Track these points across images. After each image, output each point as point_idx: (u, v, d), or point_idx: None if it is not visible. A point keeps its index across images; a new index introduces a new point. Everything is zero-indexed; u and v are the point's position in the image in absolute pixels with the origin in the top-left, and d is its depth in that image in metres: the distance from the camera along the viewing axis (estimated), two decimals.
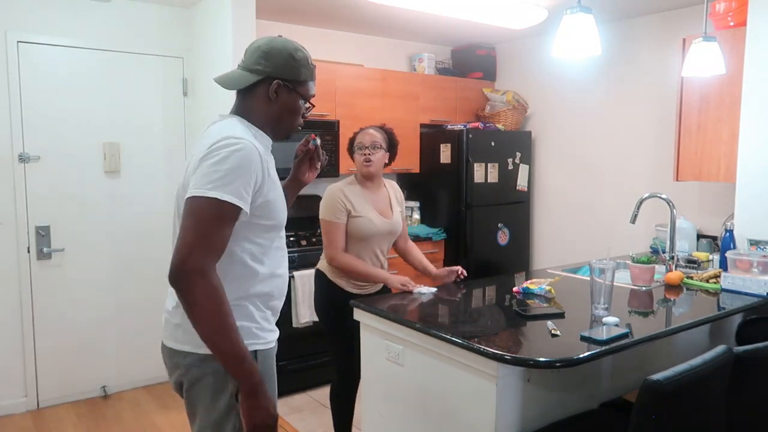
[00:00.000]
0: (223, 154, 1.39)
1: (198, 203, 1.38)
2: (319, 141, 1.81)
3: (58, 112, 3.54)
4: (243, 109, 1.58)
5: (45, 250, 3.54)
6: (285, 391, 2.15)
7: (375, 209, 2.71)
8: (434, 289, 2.55)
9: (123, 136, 3.75)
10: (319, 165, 1.86)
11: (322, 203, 2.69)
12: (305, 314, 3.63)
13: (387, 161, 2.77)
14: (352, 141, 2.78)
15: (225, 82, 1.57)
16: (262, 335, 1.56)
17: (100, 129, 3.67)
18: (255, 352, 1.53)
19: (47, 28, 3.47)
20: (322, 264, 2.77)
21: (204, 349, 1.45)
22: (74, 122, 3.59)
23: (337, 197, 2.65)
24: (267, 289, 1.57)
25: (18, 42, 3.39)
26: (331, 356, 2.86)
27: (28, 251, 3.50)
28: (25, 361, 3.54)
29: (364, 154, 2.68)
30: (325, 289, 2.75)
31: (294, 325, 3.60)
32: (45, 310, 3.57)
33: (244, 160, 1.41)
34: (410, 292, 2.50)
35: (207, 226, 1.37)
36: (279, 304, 1.64)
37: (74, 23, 3.55)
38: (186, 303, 1.40)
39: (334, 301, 2.69)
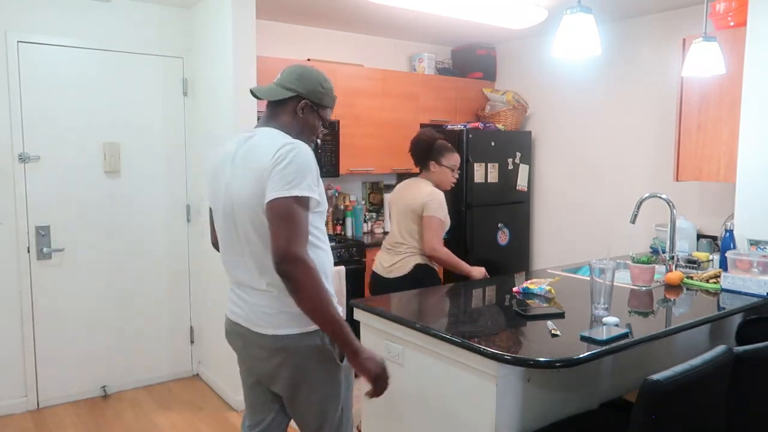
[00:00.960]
0: (289, 158, 1.65)
1: (282, 203, 1.63)
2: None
3: (58, 112, 3.54)
4: (274, 120, 1.84)
5: (45, 250, 3.54)
6: None
7: None
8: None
9: (123, 136, 3.75)
10: None
11: (434, 204, 2.96)
12: None
13: None
14: (440, 149, 3.08)
15: (262, 93, 1.86)
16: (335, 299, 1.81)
17: (100, 129, 3.68)
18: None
19: (47, 28, 3.48)
20: (423, 258, 3.04)
21: (307, 327, 1.72)
22: (74, 122, 3.59)
23: (445, 201, 3.02)
24: (330, 267, 1.85)
25: (18, 42, 3.39)
26: None
27: (28, 251, 3.50)
28: (25, 361, 3.54)
29: (455, 176, 3.13)
30: (436, 278, 3.11)
31: None
32: (45, 310, 3.57)
33: (306, 159, 1.68)
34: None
35: (294, 221, 1.62)
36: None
37: (74, 23, 3.55)
38: (295, 286, 1.60)
39: None
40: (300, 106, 1.83)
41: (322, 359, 1.78)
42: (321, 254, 1.78)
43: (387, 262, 3.10)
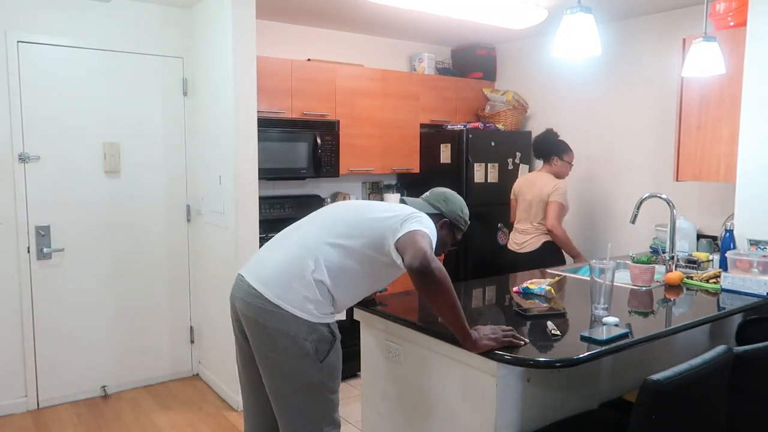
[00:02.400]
0: (417, 218, 1.97)
1: (416, 234, 1.87)
2: (381, 290, 2.36)
3: (58, 112, 3.54)
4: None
5: (45, 250, 3.54)
6: None
7: None
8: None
9: (123, 136, 3.75)
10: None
11: (560, 191, 3.75)
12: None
13: None
14: (565, 147, 3.92)
15: (412, 203, 2.16)
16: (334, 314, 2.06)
17: (100, 129, 3.67)
18: (329, 324, 1.99)
19: (47, 28, 3.47)
20: (549, 236, 3.79)
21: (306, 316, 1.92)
22: (74, 122, 3.59)
23: (566, 188, 3.82)
24: (351, 302, 2.15)
25: (18, 42, 3.39)
26: None
27: (28, 251, 3.50)
28: (25, 361, 3.54)
29: (571, 169, 3.98)
30: (561, 254, 3.83)
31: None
32: (45, 310, 3.57)
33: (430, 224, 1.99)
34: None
35: (425, 243, 1.85)
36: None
37: (74, 23, 3.55)
38: (433, 285, 1.78)
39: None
40: (440, 223, 2.12)
41: (302, 352, 1.91)
42: (354, 297, 2.10)
43: (519, 240, 3.91)
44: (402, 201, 2.18)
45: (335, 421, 2.02)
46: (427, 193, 2.22)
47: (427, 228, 1.92)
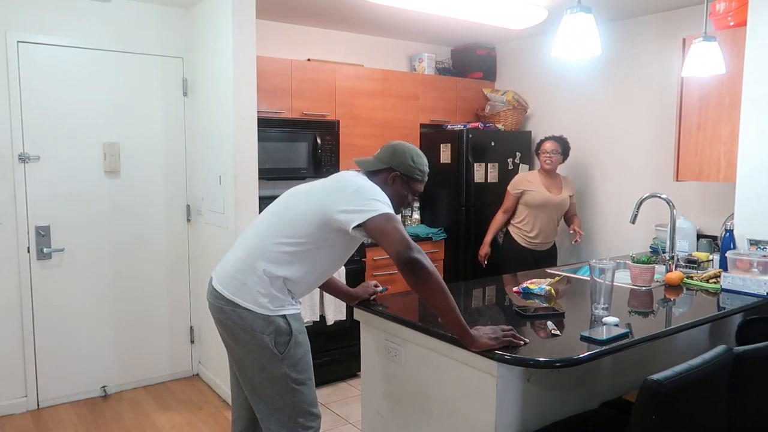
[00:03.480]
0: (364, 192, 1.93)
1: (376, 222, 1.85)
2: (382, 291, 2.40)
3: (58, 112, 3.54)
4: (376, 181, 2.09)
5: (45, 250, 3.54)
6: None
7: (547, 189, 4.06)
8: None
9: (123, 136, 3.75)
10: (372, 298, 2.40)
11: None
12: (306, 314, 3.63)
13: (561, 163, 4.16)
14: (539, 145, 4.16)
15: (361, 164, 2.16)
16: (292, 304, 2.09)
17: (100, 129, 3.67)
18: (285, 315, 2.02)
19: (47, 28, 3.47)
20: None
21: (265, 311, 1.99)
22: (74, 122, 3.59)
23: (519, 178, 4.14)
24: (315, 282, 2.18)
25: (18, 42, 3.39)
26: None
27: (28, 251, 3.50)
28: (25, 361, 3.54)
29: (545, 156, 4.07)
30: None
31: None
32: (45, 310, 3.57)
33: (376, 192, 1.96)
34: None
35: (393, 228, 1.84)
36: (312, 288, 2.22)
37: (74, 23, 3.55)
38: (421, 275, 1.79)
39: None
40: (389, 176, 2.09)
41: (261, 345, 1.98)
42: (315, 275, 2.09)
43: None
44: (356, 162, 2.18)
45: (310, 413, 2.06)
46: (379, 150, 2.17)
47: (377, 199, 1.90)
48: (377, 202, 1.89)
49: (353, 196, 1.91)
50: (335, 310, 3.74)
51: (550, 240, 4.16)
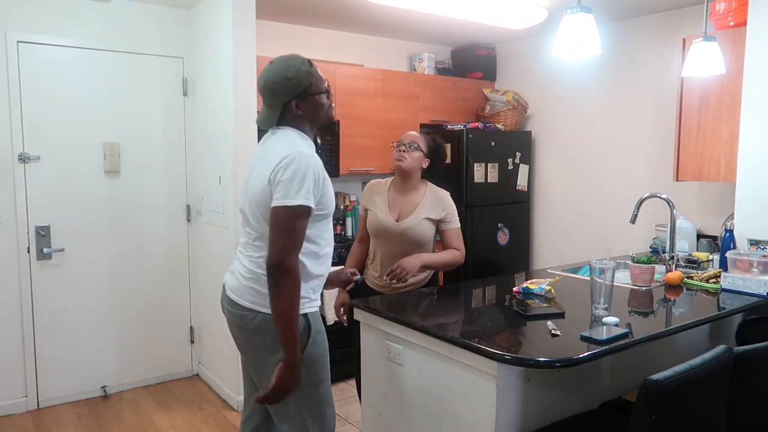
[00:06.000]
0: (291, 168, 1.77)
1: (281, 212, 1.77)
2: (360, 280, 2.29)
3: (58, 112, 3.54)
4: (289, 122, 1.95)
5: (45, 250, 3.54)
6: None
7: (390, 208, 2.72)
8: None
9: (123, 136, 3.75)
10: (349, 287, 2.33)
11: None
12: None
13: (425, 166, 2.78)
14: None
15: (260, 122, 1.98)
16: (310, 300, 1.96)
17: (100, 129, 3.67)
18: (305, 315, 1.92)
19: (47, 28, 3.47)
20: None
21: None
22: (74, 122, 3.59)
23: (365, 189, 2.87)
24: (322, 269, 1.98)
25: (18, 42, 3.39)
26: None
27: (28, 251, 3.50)
28: (25, 361, 3.54)
29: (400, 150, 2.73)
30: None
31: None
32: (45, 310, 3.57)
33: (304, 167, 1.78)
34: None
35: (292, 230, 1.77)
36: (324, 278, 2.03)
37: (74, 23, 3.55)
38: (277, 291, 1.77)
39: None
40: (293, 109, 1.91)
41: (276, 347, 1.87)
42: (316, 263, 1.94)
43: None
44: (257, 123, 2.01)
45: (325, 413, 2.00)
46: (263, 97, 1.97)
47: (300, 182, 1.76)
48: (301, 191, 1.78)
49: (283, 183, 1.79)
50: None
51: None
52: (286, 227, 1.77)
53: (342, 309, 2.80)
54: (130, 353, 3.88)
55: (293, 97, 1.90)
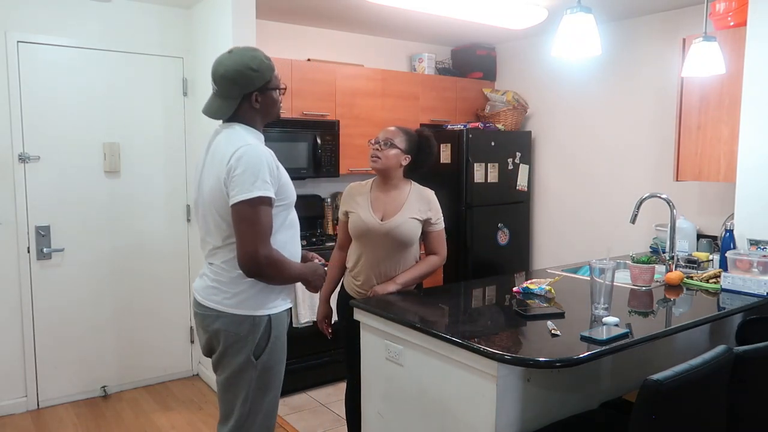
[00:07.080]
0: (242, 162, 1.75)
1: (243, 207, 1.75)
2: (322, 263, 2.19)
3: (58, 112, 3.54)
4: (239, 117, 1.93)
5: (45, 250, 3.54)
6: (284, 391, 2.16)
7: (373, 208, 2.56)
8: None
9: (123, 136, 3.75)
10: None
11: None
12: (305, 314, 3.62)
13: (404, 163, 2.62)
14: None
15: (212, 113, 1.92)
16: (273, 303, 1.94)
17: (100, 129, 3.68)
18: (269, 317, 1.91)
19: (47, 28, 3.47)
20: None
21: (234, 310, 1.90)
22: (74, 122, 3.59)
23: (345, 193, 2.69)
24: (295, 248, 1.99)
25: (18, 42, 3.39)
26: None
27: (28, 251, 3.50)
28: (25, 361, 3.54)
29: (374, 149, 2.62)
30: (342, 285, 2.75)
31: (294, 325, 3.59)
32: (45, 310, 3.57)
33: (255, 159, 1.77)
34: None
35: (257, 222, 1.75)
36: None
37: (74, 23, 3.55)
38: (268, 281, 1.84)
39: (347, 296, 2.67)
40: (254, 101, 1.90)
41: (238, 348, 1.90)
42: (285, 238, 1.93)
43: None
44: (206, 114, 1.95)
45: (265, 427, 1.97)
46: (216, 85, 1.94)
47: (254, 174, 1.74)
48: (257, 182, 1.78)
49: (239, 178, 1.79)
50: (335, 310, 3.72)
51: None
52: (251, 220, 1.75)
53: (325, 321, 2.75)
54: (130, 353, 3.88)
55: (254, 90, 1.89)
